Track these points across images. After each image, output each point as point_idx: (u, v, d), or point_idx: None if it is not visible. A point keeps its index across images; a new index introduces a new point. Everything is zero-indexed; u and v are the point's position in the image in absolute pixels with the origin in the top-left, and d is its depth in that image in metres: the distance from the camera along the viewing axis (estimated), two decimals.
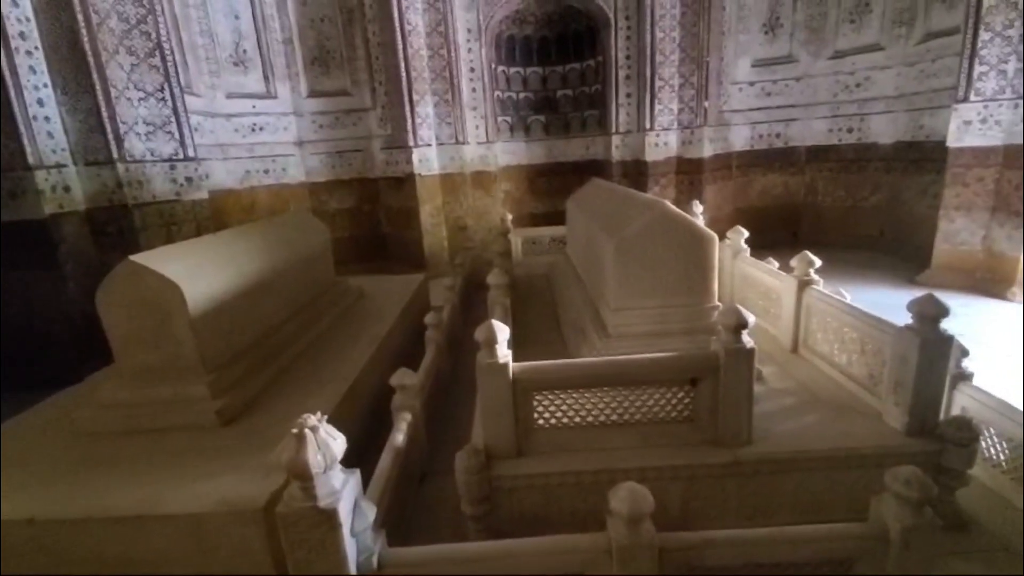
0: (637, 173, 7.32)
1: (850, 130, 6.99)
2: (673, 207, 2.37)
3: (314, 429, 1.31)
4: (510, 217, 5.28)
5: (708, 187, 7.25)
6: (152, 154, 4.74)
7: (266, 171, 7.19)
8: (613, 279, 2.42)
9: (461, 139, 7.14)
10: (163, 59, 4.77)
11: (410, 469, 2.21)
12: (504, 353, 1.80)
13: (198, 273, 2.60)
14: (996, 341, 4.05)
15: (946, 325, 1.92)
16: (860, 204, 7.09)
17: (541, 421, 1.90)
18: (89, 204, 4.45)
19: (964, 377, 2.20)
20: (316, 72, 7.23)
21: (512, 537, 1.78)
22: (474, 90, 7.22)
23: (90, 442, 2.38)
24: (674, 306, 2.42)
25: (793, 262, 2.69)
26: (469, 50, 7.06)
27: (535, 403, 1.88)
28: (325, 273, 4.03)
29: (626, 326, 2.45)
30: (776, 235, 7.62)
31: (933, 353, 1.81)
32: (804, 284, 2.57)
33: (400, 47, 6.55)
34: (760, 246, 7.52)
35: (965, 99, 4.91)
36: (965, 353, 2.22)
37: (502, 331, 1.78)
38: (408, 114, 6.79)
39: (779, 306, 2.76)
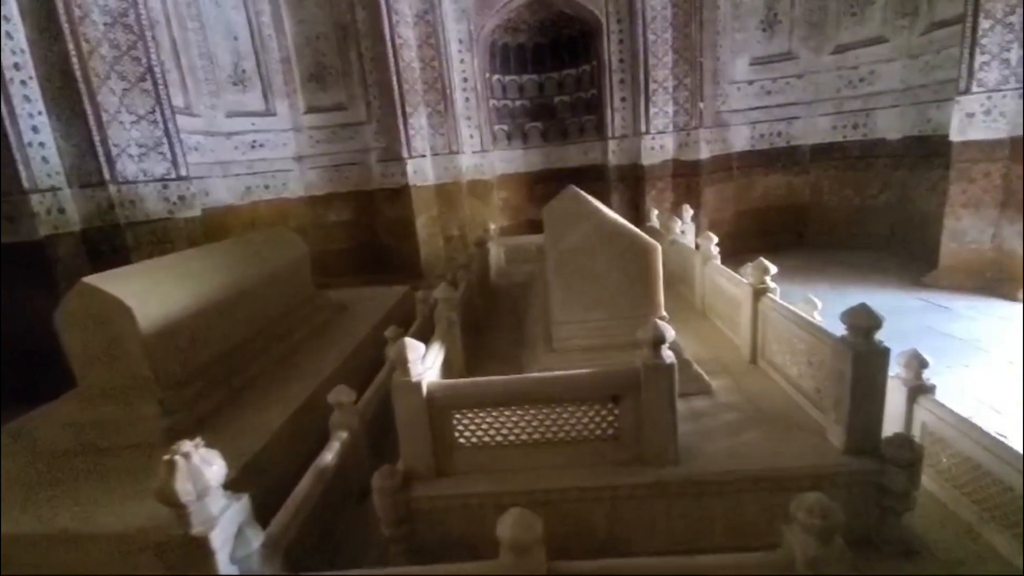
0: (634, 178, 7.22)
1: (855, 126, 6.75)
2: (613, 217, 2.31)
3: (187, 456, 1.30)
4: (493, 227, 5.25)
5: (707, 189, 7.10)
6: (145, 174, 4.88)
7: (266, 186, 7.35)
8: (555, 292, 2.37)
9: (455, 149, 7.16)
10: (154, 82, 4.92)
11: (347, 488, 2.19)
12: (419, 371, 1.77)
13: (153, 292, 2.64)
14: (1000, 346, 3.82)
15: (949, 328, 1.80)
16: (868, 203, 6.83)
17: (462, 440, 1.86)
18: (84, 224, 4.60)
19: (925, 390, 2.07)
20: (313, 88, 7.37)
21: (433, 559, 1.75)
22: (468, 100, 7.24)
23: (48, 461, 2.44)
24: (619, 319, 2.35)
25: (747, 269, 2.59)
26: (461, 60, 7.09)
27: (454, 422, 1.84)
28: (301, 287, 4.07)
29: (569, 340, 2.39)
30: (781, 237, 7.43)
31: (868, 367, 1.70)
32: (759, 293, 2.46)
33: (391, 60, 6.63)
34: (764, 249, 7.39)
35: (967, 91, 4.68)
36: (924, 364, 2.08)
37: (415, 349, 1.75)
38: (401, 126, 6.86)
39: (741, 315, 2.66)
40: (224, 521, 1.34)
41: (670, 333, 1.72)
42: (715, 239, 3.25)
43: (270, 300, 3.55)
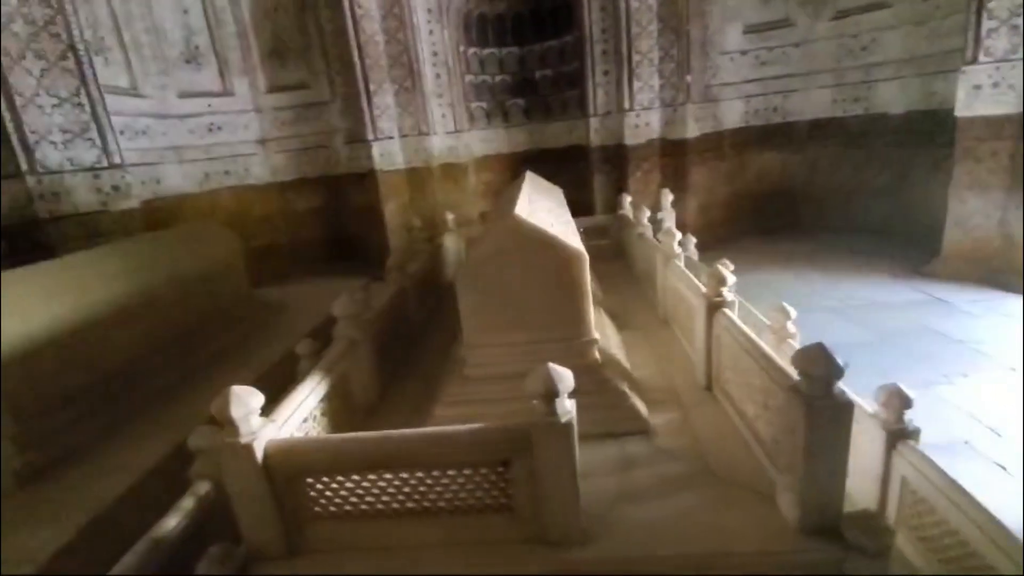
0: (618, 158, 6.73)
1: (856, 99, 6.21)
2: (526, 221, 1.88)
3: None
4: (451, 217, 4.84)
5: (697, 170, 6.60)
6: (71, 163, 4.47)
7: (227, 172, 6.91)
8: (466, 310, 1.97)
9: (425, 130, 6.69)
10: (77, 61, 4.47)
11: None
12: (251, 430, 1.39)
13: (12, 309, 2.27)
14: (1003, 349, 3.40)
15: (947, 328, 1.40)
16: (867, 184, 6.32)
17: (318, 509, 1.49)
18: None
19: (906, 435, 1.67)
20: (274, 65, 6.87)
21: None
22: (438, 76, 6.73)
23: None
24: (543, 341, 1.96)
25: (704, 277, 2.17)
26: (431, 32, 6.57)
27: (306, 488, 1.46)
28: (230, 289, 3.68)
29: (485, 367, 2.00)
30: (776, 220, 6.95)
31: (826, 425, 1.31)
32: (714, 307, 2.05)
33: (352, 33, 6.12)
34: (757, 233, 6.94)
35: (974, 60, 4.16)
36: (907, 404, 1.68)
37: (243, 401, 1.37)
38: (365, 105, 6.38)
39: (696, 331, 2.25)
40: None
41: (567, 383, 1.32)
42: (678, 235, 2.83)
43: (183, 307, 3.18)
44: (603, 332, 2.46)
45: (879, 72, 5.93)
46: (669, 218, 4.90)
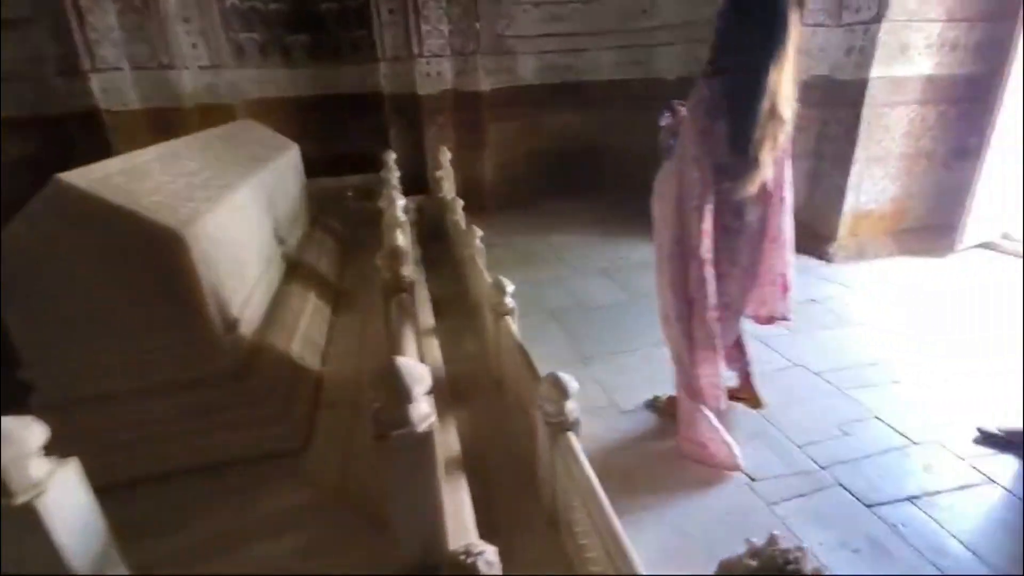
0: (412, 109, 6.21)
1: (637, 63, 6.43)
2: (85, 191, 1.35)
3: None
4: None
5: (495, 126, 6.39)
6: None
7: None
8: (15, 316, 1.39)
9: (168, 62, 5.45)
10: None
11: None
12: None
13: None
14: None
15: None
16: (653, 147, 6.67)
17: None
18: None
19: (567, 427, 1.55)
20: None
21: None
22: None
23: None
24: (153, 349, 1.47)
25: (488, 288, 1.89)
26: None
27: None
28: None
29: (78, 386, 1.46)
30: (577, 181, 7.07)
31: (401, 456, 1.05)
32: (499, 316, 1.77)
33: None
34: (558, 194, 7.01)
35: None
36: (566, 394, 1.55)
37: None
38: (76, 25, 4.94)
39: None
40: None
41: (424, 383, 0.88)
42: (461, 202, 2.49)
43: None
44: (302, 323, 2.04)
45: (656, 36, 6.17)
46: (448, 178, 4.60)
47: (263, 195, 2.32)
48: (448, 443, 1.69)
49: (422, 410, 1.02)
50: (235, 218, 1.94)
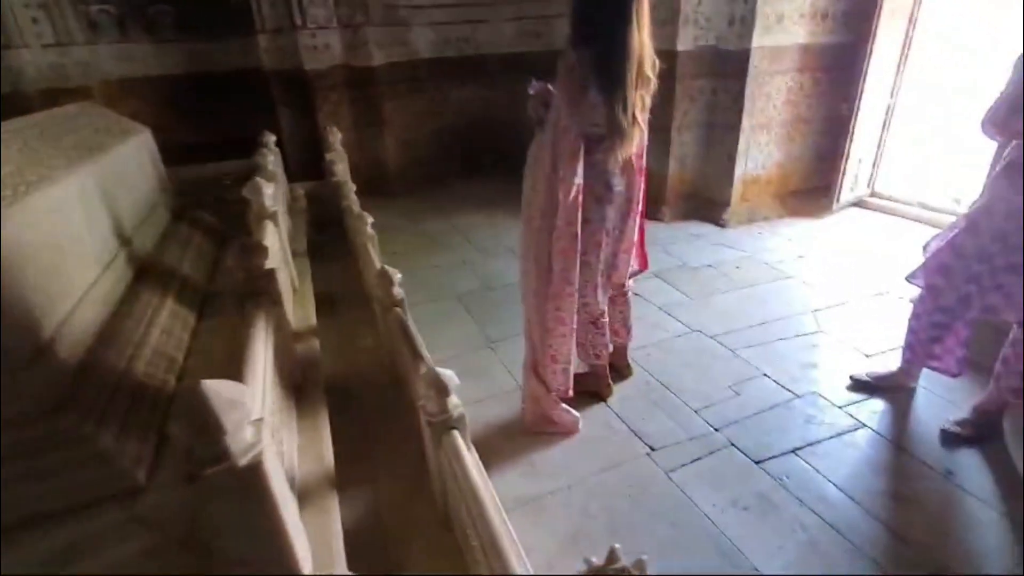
0: (302, 87, 5.74)
1: (537, 35, 6.32)
2: None
3: None
4: None
5: (393, 104, 6.06)
6: None
7: None
8: None
9: (2, 41, 4.64)
10: None
11: None
12: None
13: None
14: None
15: None
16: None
17: None
18: None
19: (451, 425, 1.44)
20: None
21: None
22: None
23: None
24: None
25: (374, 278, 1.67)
26: None
27: None
28: None
29: None
30: (484, 158, 6.90)
31: (223, 495, 0.90)
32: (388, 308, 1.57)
33: None
34: (464, 173, 6.82)
35: None
36: (446, 392, 1.44)
37: None
38: None
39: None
40: None
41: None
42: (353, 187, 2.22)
43: None
44: (152, 335, 1.78)
45: (556, 7, 6.06)
46: (341, 160, 4.29)
47: (95, 189, 1.99)
48: (321, 456, 1.54)
49: (243, 440, 0.87)
50: (50, 218, 1.63)
